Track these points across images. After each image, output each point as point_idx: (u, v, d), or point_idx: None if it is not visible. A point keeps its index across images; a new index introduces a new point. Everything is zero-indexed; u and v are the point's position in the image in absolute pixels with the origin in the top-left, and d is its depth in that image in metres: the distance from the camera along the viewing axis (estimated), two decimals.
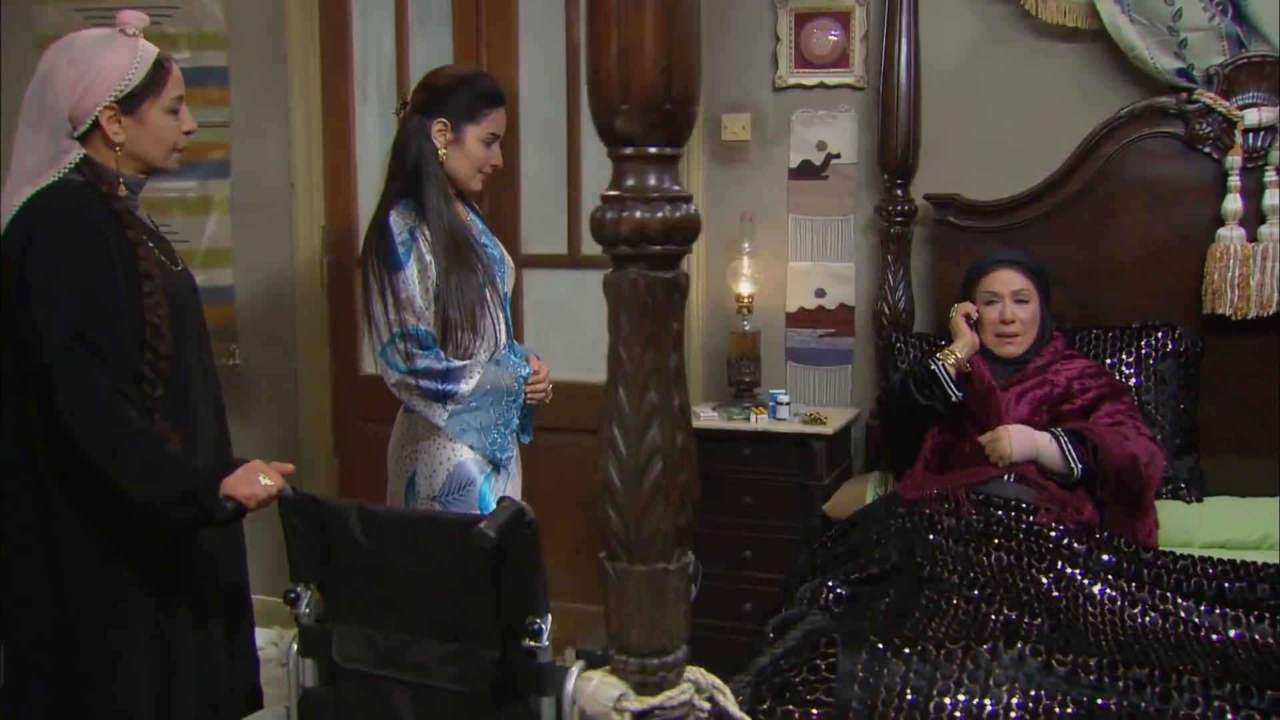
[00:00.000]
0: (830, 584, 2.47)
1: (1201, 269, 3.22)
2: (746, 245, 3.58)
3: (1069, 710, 1.86)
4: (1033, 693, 1.88)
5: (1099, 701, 1.86)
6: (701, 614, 2.44)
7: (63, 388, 1.91)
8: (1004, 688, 1.89)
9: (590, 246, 3.85)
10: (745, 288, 3.57)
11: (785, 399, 3.43)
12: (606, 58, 1.25)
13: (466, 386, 2.51)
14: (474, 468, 2.58)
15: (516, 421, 2.62)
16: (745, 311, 3.56)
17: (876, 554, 2.59)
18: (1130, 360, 3.16)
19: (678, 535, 1.32)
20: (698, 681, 1.39)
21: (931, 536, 2.63)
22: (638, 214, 1.27)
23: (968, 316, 3.11)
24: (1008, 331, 3.04)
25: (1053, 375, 3.01)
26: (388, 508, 2.05)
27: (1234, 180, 3.13)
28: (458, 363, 2.51)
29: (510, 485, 2.69)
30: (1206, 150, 3.19)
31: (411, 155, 2.58)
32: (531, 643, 1.87)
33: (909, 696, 1.91)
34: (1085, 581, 2.46)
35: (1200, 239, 3.22)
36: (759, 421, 3.38)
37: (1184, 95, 3.18)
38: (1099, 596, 2.44)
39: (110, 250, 2.01)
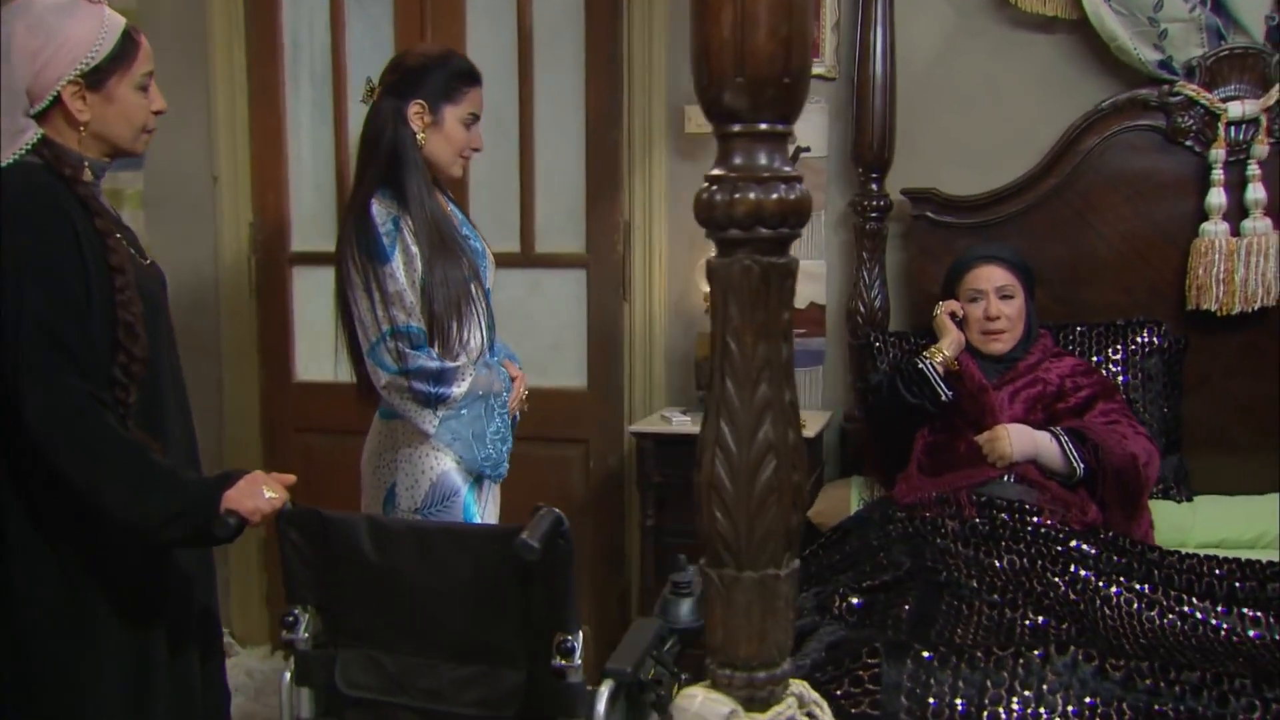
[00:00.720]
0: (841, 592, 2.46)
1: (1184, 264, 3.30)
2: None
3: (1126, 717, 1.87)
4: (1088, 699, 1.90)
5: (1155, 707, 1.88)
6: None
7: (32, 393, 1.80)
8: (1059, 695, 1.90)
9: (546, 244, 3.83)
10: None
11: None
12: (719, 28, 1.21)
13: (460, 390, 2.45)
14: (458, 477, 2.51)
15: (510, 435, 2.58)
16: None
17: (883, 560, 2.59)
18: (1117, 358, 3.22)
19: (789, 539, 1.29)
20: (801, 695, 1.35)
21: (939, 541, 2.64)
22: (751, 195, 1.24)
23: (953, 314, 3.15)
24: (993, 328, 3.08)
25: (1044, 373, 3.05)
26: (403, 520, 1.97)
27: (1217, 174, 3.22)
28: (451, 363, 2.44)
29: (492, 496, 2.63)
30: (1188, 144, 3.27)
31: (387, 141, 2.50)
32: (562, 661, 1.81)
33: (959, 706, 1.91)
34: (1100, 584, 2.49)
35: (1182, 234, 3.31)
36: None
37: (1165, 88, 3.26)
38: (1115, 599, 2.47)
39: (79, 240, 1.91)
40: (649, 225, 3.72)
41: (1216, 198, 3.23)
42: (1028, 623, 2.31)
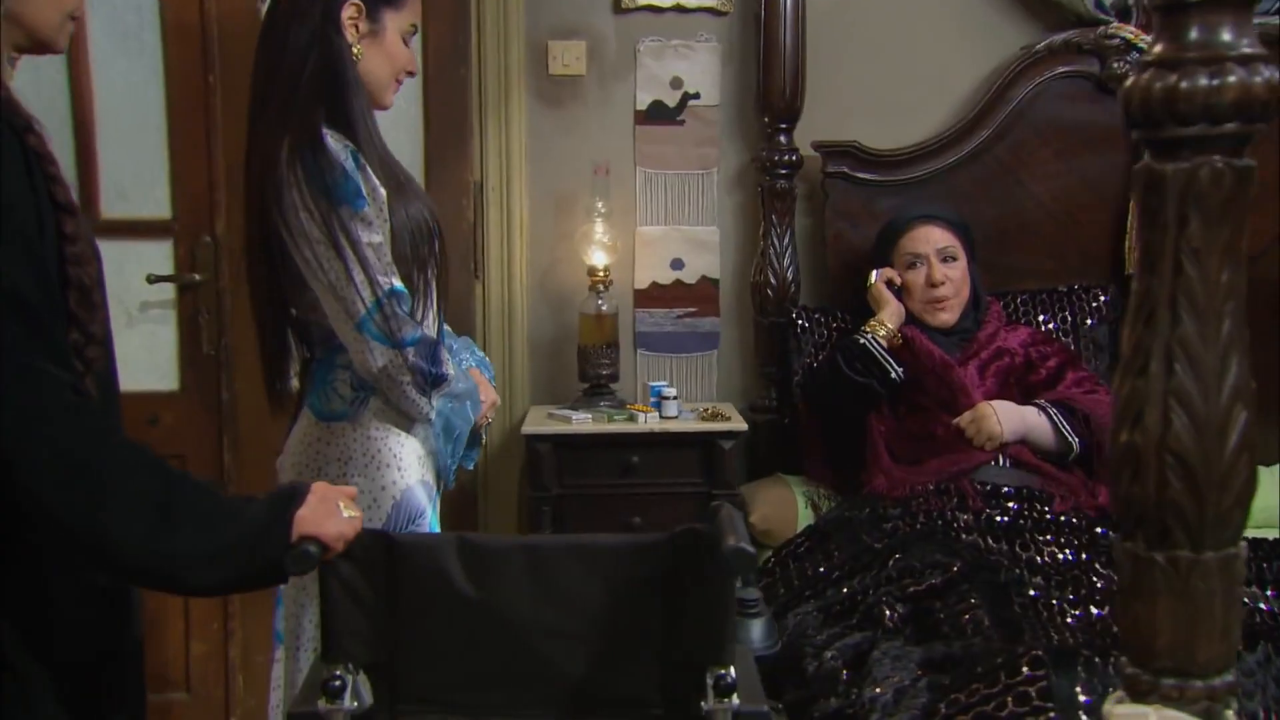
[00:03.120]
0: (886, 600, 2.40)
1: (1117, 226, 3.45)
2: (601, 205, 3.41)
3: None
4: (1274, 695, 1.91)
5: None
6: None
7: (4, 386, 1.44)
8: (1256, 699, 1.90)
9: None
10: (600, 258, 3.40)
11: (671, 392, 3.30)
12: None
13: (450, 369, 2.24)
14: (423, 493, 2.27)
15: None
16: (601, 288, 3.39)
17: (914, 562, 2.54)
18: (1066, 326, 3.33)
19: (1246, 510, 1.20)
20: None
21: (965, 536, 2.63)
22: (1230, 79, 1.14)
23: (890, 282, 3.15)
24: (938, 295, 3.12)
25: (1004, 344, 3.11)
26: (507, 538, 1.73)
27: None
28: (432, 334, 2.22)
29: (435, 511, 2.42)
30: None
31: (320, 54, 2.21)
32: (717, 702, 1.66)
33: None
34: None
35: (1114, 192, 3.46)
36: (649, 421, 3.22)
37: (1101, 30, 3.40)
38: None
39: (31, 168, 1.57)
40: (505, 186, 3.51)
41: None
42: (1099, 623, 2.33)
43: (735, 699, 1.67)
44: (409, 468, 2.25)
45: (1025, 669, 1.93)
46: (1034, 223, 3.48)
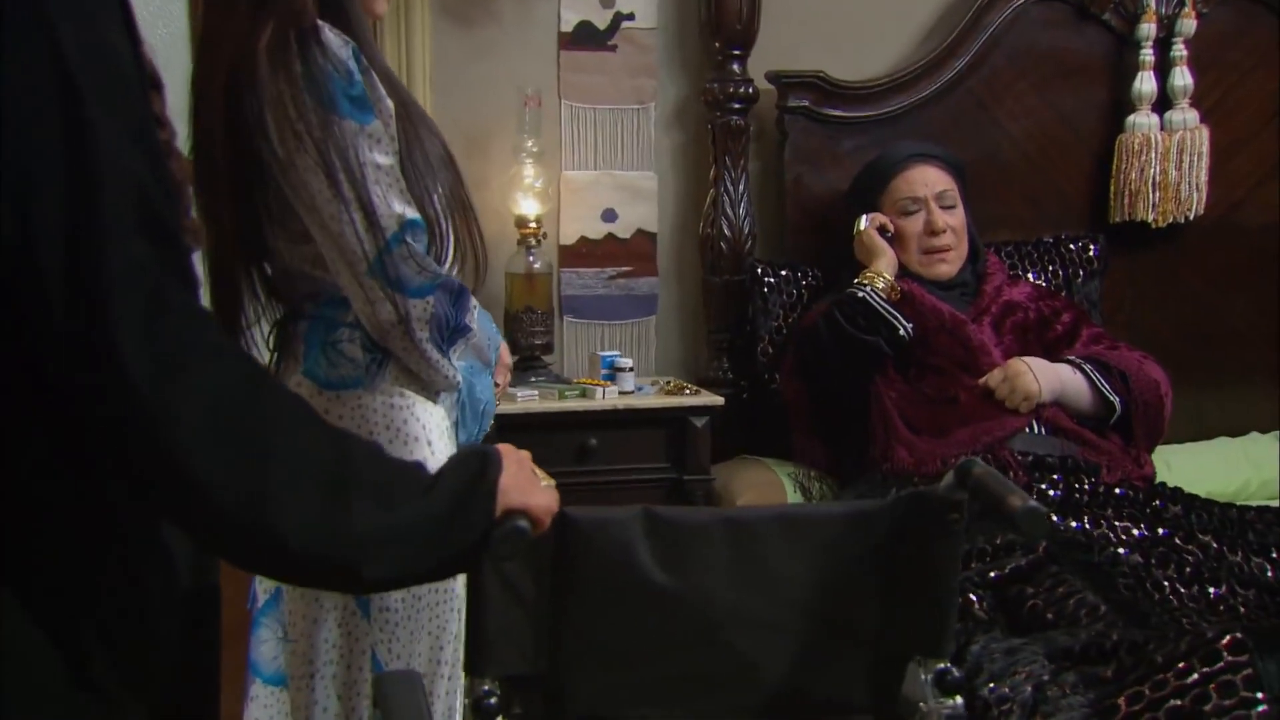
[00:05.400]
0: (965, 588, 2.37)
1: (1096, 169, 3.53)
2: (531, 143, 3.27)
3: None
4: None
5: None
6: None
7: (124, 317, 1.22)
8: None
9: None
10: (531, 207, 3.26)
11: (627, 363, 3.19)
12: None
13: (473, 321, 2.09)
14: None
15: None
16: (533, 243, 3.25)
17: (985, 545, 2.51)
18: (1059, 282, 3.38)
19: None
20: None
21: None
22: None
23: (883, 229, 3.13)
24: (938, 245, 3.11)
25: (1011, 298, 3.13)
26: (704, 511, 1.61)
27: (1147, 54, 3.46)
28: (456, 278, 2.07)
29: None
30: (1105, 18, 3.49)
31: None
32: (939, 701, 1.60)
33: None
34: (1221, 548, 2.59)
35: (1091, 131, 3.55)
36: (607, 397, 3.11)
37: None
38: (1242, 564, 2.58)
39: (129, 20, 1.36)
40: None
41: (1147, 84, 3.47)
42: (1239, 599, 2.36)
43: (959, 699, 1.61)
44: (439, 443, 2.08)
45: (1226, 654, 1.91)
46: (1009, 165, 3.52)
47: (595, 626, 1.56)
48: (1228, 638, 1.94)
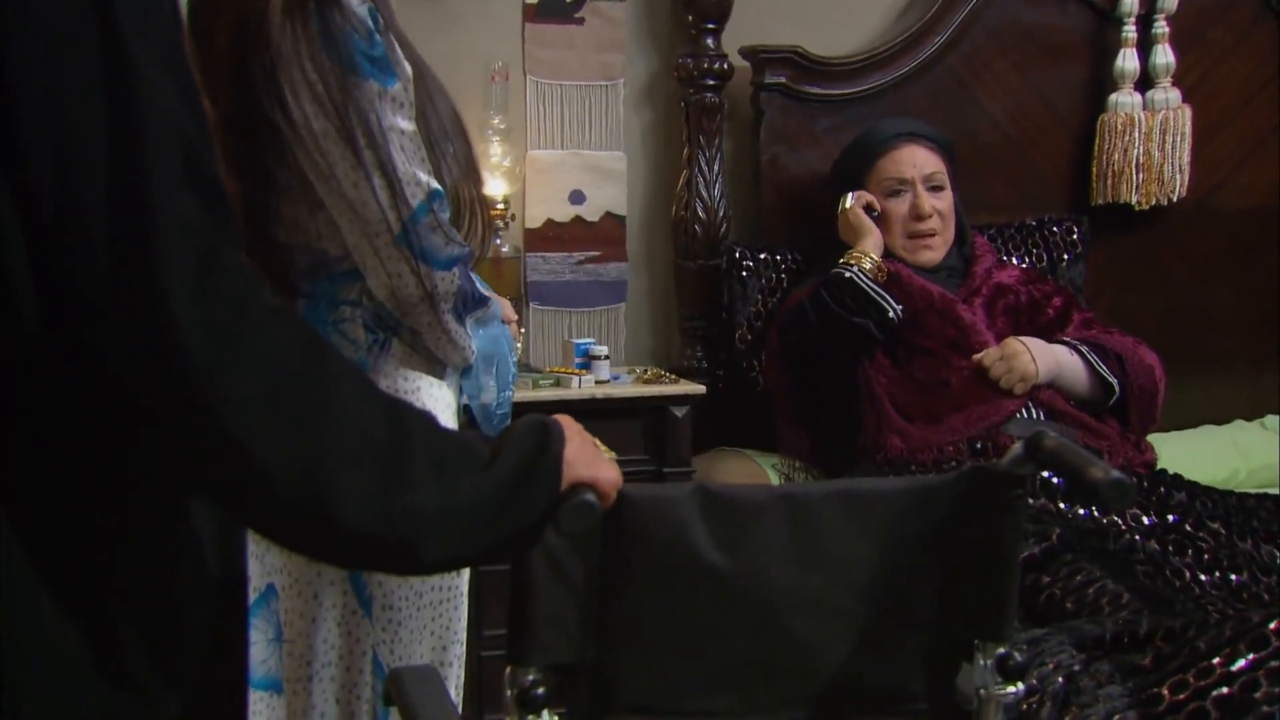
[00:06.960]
0: None
1: (1076, 150, 3.54)
2: (498, 120, 3.21)
3: None
4: None
5: None
6: None
7: (175, 278, 1.15)
8: None
9: None
10: (499, 187, 3.20)
11: (602, 350, 3.14)
12: None
13: (489, 291, 2.07)
14: None
15: None
16: (501, 225, 3.19)
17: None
18: (1042, 266, 3.37)
19: None
20: None
21: (1032, 500, 2.60)
22: None
23: (869, 208, 3.10)
24: (924, 229, 3.09)
25: (1001, 281, 3.11)
26: (761, 487, 1.56)
27: (1129, 30, 3.46)
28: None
29: None
30: None
31: None
32: (999, 688, 1.56)
33: None
34: (1231, 537, 2.59)
35: (1071, 111, 3.55)
36: (584, 386, 3.05)
37: None
38: (1253, 552, 2.58)
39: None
40: None
41: (1129, 61, 3.47)
42: (1261, 586, 2.37)
43: (1021, 685, 1.57)
44: (448, 424, 2.03)
45: (1274, 639, 1.89)
46: (990, 146, 3.51)
47: (646, 611, 1.51)
48: (1275, 622, 1.92)
